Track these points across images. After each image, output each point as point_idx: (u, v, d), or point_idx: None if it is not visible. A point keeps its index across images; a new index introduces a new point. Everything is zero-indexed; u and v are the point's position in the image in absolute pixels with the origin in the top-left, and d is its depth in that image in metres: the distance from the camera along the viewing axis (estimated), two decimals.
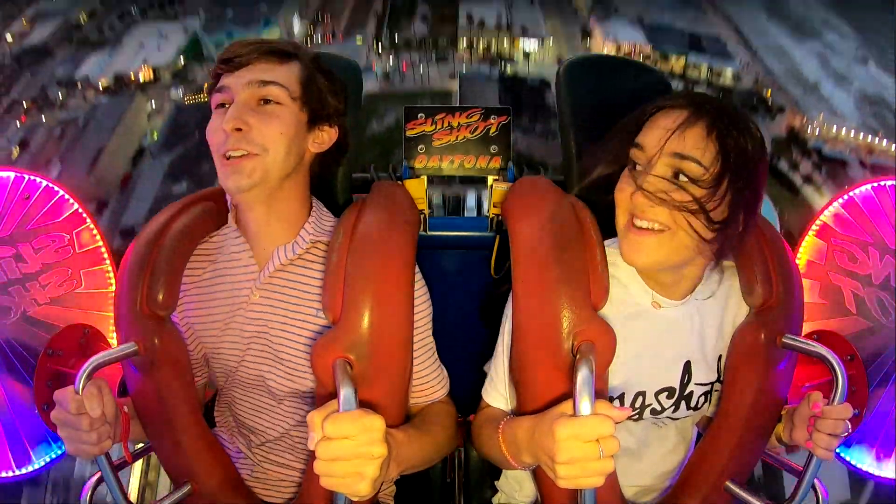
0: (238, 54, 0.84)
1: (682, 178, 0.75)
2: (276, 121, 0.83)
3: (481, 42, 29.31)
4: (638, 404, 0.86)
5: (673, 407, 0.86)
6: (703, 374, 0.87)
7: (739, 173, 0.75)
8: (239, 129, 0.81)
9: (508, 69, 28.23)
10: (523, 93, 25.82)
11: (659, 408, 0.86)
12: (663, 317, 0.85)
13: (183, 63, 27.51)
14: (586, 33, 29.61)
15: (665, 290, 0.85)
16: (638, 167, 0.79)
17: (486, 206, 1.28)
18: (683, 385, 0.86)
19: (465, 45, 29.37)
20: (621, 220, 0.80)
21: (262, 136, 0.82)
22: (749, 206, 0.77)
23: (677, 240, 0.76)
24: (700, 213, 0.74)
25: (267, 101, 0.84)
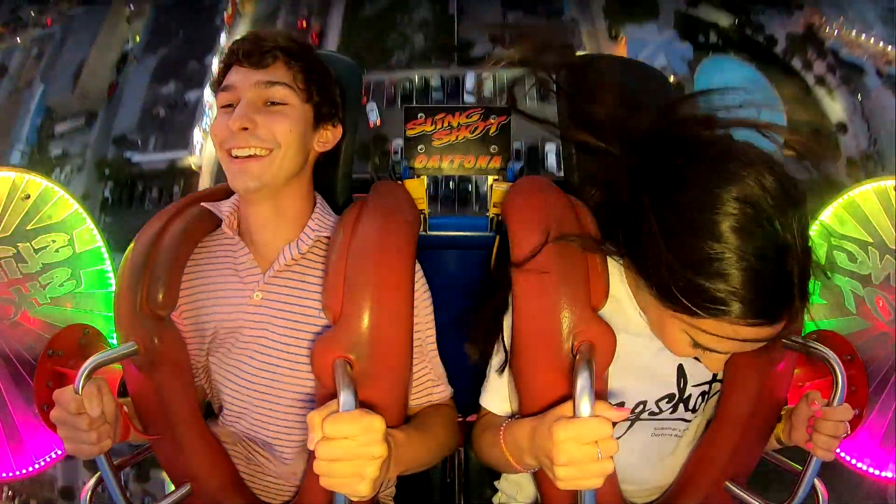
0: (250, 53, 0.84)
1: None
2: (285, 119, 0.84)
3: None
4: (637, 409, 0.86)
5: (671, 409, 0.86)
6: (698, 374, 0.87)
7: None
8: (245, 129, 0.81)
9: None
10: None
11: (657, 410, 0.86)
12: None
13: None
14: None
15: None
16: (699, 349, 0.73)
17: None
18: (681, 389, 0.86)
19: None
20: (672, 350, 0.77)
21: (270, 132, 0.82)
22: None
23: None
24: None
25: (274, 103, 0.84)
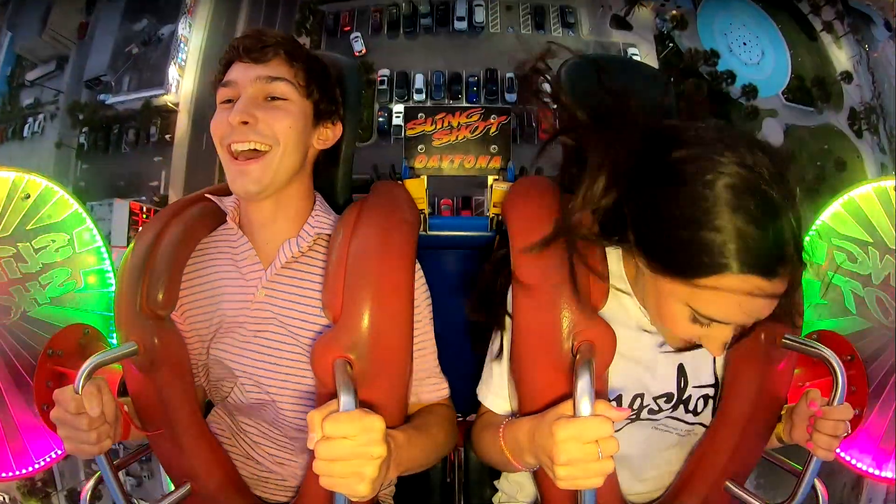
0: (252, 49, 0.84)
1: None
2: (285, 114, 0.84)
3: None
4: (636, 405, 0.86)
5: (671, 409, 0.86)
6: (699, 376, 0.87)
7: None
8: (245, 123, 0.81)
9: None
10: None
11: (656, 408, 0.86)
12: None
13: None
14: None
15: None
16: (705, 324, 0.71)
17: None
18: (681, 389, 0.86)
19: None
20: (674, 334, 0.77)
21: (270, 128, 0.82)
22: None
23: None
24: None
25: (275, 98, 0.84)
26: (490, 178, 1.23)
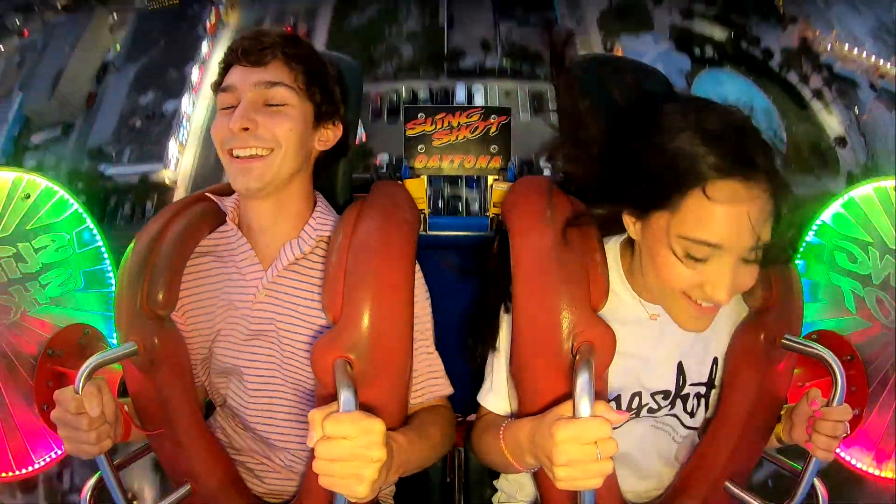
0: (250, 51, 0.84)
1: (751, 259, 0.72)
2: (285, 118, 0.84)
3: None
4: (634, 405, 0.86)
5: (669, 406, 0.87)
6: (696, 373, 0.87)
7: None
8: (246, 129, 0.81)
9: None
10: None
11: (655, 406, 0.86)
12: (657, 323, 0.85)
13: None
14: None
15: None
16: (699, 261, 0.71)
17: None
18: (679, 387, 0.86)
19: None
20: (675, 295, 0.76)
21: (270, 132, 0.82)
22: None
23: (731, 304, 0.78)
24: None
25: (275, 104, 0.84)
26: (490, 178, 1.23)
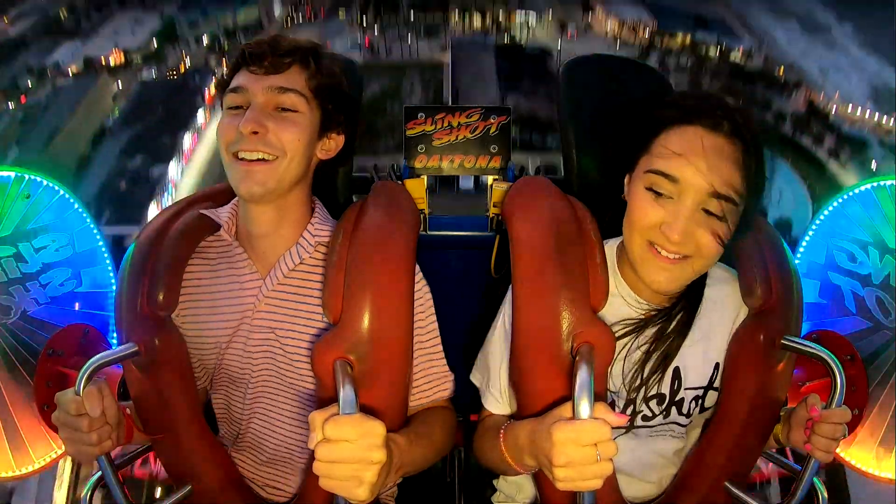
0: (263, 56, 0.83)
1: (713, 211, 0.76)
2: (294, 127, 0.83)
3: (475, 16, 27.97)
4: (629, 412, 0.86)
5: (664, 413, 0.86)
6: (694, 378, 0.87)
7: (762, 190, 0.79)
8: (256, 133, 0.81)
9: (505, 38, 27.14)
10: (522, 62, 24.64)
11: (650, 414, 0.86)
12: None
13: (156, 46, 27.06)
14: (588, 6, 28.78)
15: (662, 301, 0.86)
16: (663, 196, 0.77)
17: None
18: (674, 392, 0.86)
19: (457, 17, 28.02)
20: (638, 240, 0.80)
21: (279, 140, 0.82)
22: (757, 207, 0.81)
23: (698, 264, 0.79)
24: (725, 240, 0.77)
25: (285, 108, 0.84)
26: (490, 178, 1.23)
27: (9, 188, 1.14)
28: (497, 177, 1.23)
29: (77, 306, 1.15)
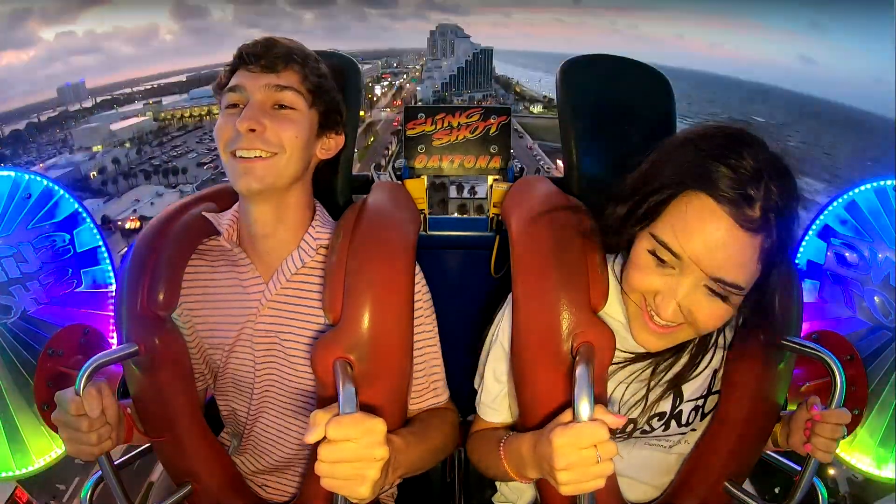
0: (260, 55, 0.83)
1: (715, 290, 0.69)
2: (291, 124, 0.83)
3: None
4: (629, 430, 0.85)
5: (663, 427, 0.86)
6: (693, 391, 0.86)
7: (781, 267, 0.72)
8: (253, 130, 0.81)
9: None
10: None
11: (649, 429, 0.86)
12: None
13: None
14: None
15: None
16: (666, 264, 0.70)
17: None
18: (674, 407, 0.85)
19: None
20: (634, 300, 0.75)
21: (277, 136, 0.82)
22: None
23: (693, 332, 0.75)
24: (724, 320, 0.73)
25: (282, 106, 0.84)
26: (490, 178, 1.23)
27: (9, 188, 1.14)
28: (497, 177, 1.23)
29: (77, 306, 1.15)
